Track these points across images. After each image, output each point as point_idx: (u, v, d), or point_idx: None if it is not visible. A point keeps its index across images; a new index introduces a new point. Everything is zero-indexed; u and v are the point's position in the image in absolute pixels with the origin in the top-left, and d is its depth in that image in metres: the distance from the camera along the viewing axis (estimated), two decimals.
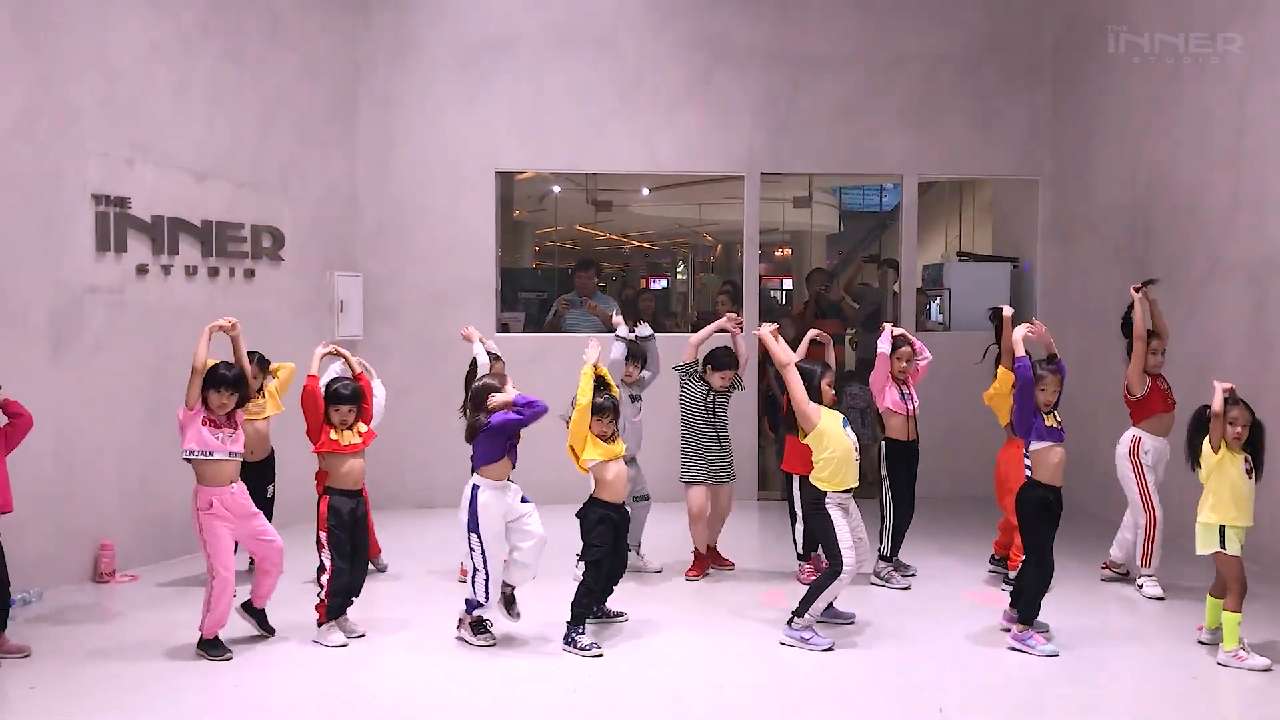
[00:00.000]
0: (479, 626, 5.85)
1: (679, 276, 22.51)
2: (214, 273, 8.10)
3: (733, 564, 7.47)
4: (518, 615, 5.86)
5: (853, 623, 6.13)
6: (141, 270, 7.51)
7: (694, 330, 10.57)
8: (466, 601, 5.83)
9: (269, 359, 7.08)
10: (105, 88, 7.27)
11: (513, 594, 5.87)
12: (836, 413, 5.97)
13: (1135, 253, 8.82)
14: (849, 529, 5.80)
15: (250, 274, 8.42)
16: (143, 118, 7.54)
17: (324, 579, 5.78)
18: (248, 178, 8.42)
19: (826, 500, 5.80)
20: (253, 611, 5.91)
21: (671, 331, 11.04)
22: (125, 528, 7.35)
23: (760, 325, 6.37)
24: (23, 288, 6.72)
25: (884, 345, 7.10)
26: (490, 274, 9.88)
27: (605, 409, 5.92)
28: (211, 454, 5.66)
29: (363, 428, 5.95)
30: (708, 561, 7.39)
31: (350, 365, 6.29)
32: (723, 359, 7.28)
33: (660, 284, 21.67)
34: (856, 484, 5.90)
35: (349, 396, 5.91)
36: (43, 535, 6.72)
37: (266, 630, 5.91)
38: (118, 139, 7.35)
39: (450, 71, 9.75)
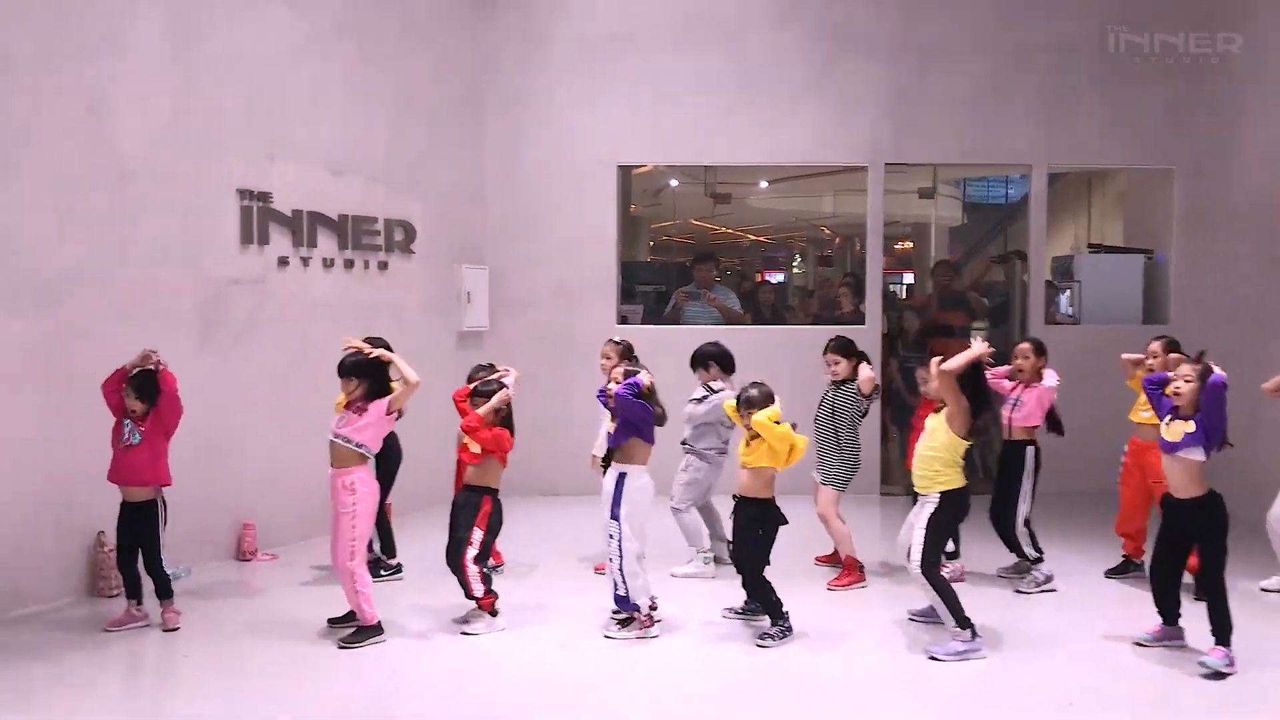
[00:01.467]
0: (629, 621, 5.84)
1: (795, 270, 22.35)
2: (349, 265, 8.38)
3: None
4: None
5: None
6: (282, 262, 7.83)
7: (815, 323, 10.58)
8: (617, 599, 5.87)
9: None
10: (248, 88, 7.58)
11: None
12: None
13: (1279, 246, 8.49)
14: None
15: (383, 266, 8.69)
16: (282, 116, 7.85)
17: (475, 570, 5.86)
18: (380, 173, 8.69)
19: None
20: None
21: (790, 324, 11.01)
22: (265, 509, 7.67)
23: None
24: (173, 280, 7.07)
25: (1051, 380, 6.94)
26: (611, 267, 10.01)
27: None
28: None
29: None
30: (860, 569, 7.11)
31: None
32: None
33: (777, 278, 21.53)
34: None
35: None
36: (190, 514, 7.04)
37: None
38: (259, 137, 7.67)
39: (573, 66, 9.90)
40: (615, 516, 5.77)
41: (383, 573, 6.93)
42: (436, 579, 6.87)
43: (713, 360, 7.25)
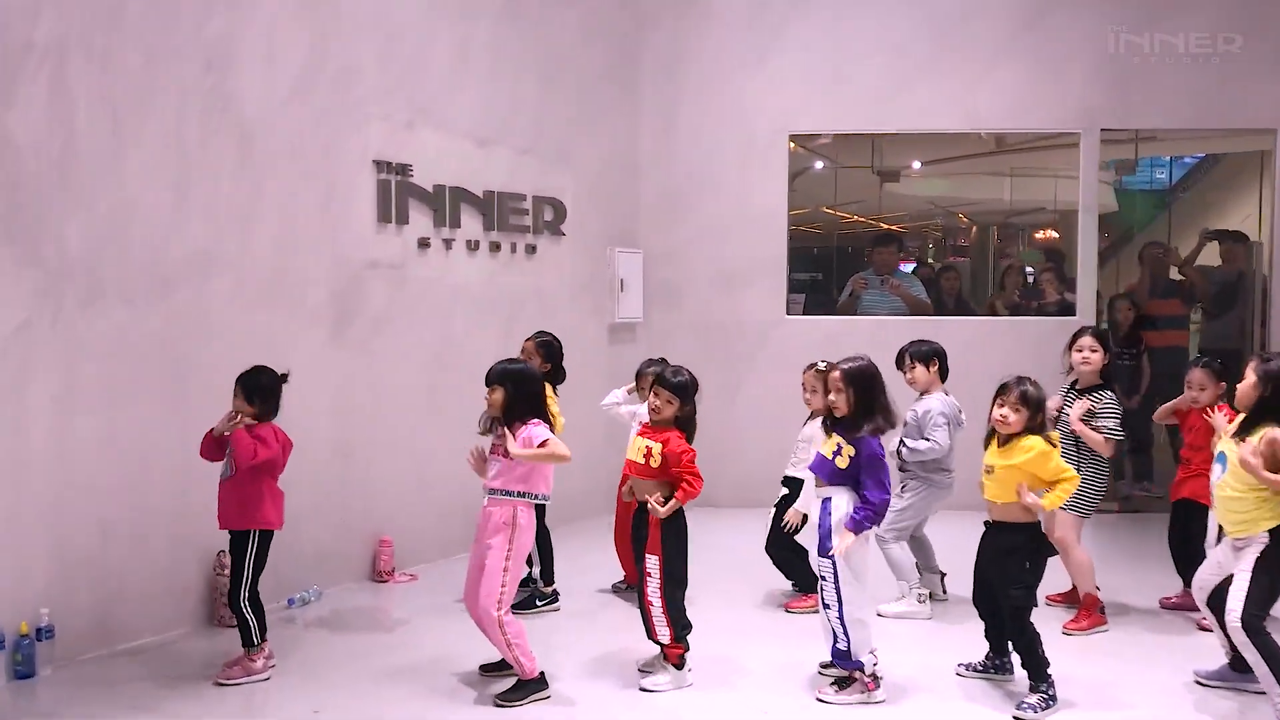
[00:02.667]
0: (848, 681, 4.75)
1: (929, 262, 20.82)
2: (495, 248, 7.45)
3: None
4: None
5: None
6: (423, 244, 6.92)
7: (1009, 311, 9.28)
8: (835, 654, 4.75)
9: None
10: (384, 46, 6.69)
11: None
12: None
13: None
14: None
15: (531, 249, 7.73)
16: (422, 79, 6.94)
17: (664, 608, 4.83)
18: (528, 144, 7.74)
19: None
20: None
21: (972, 314, 9.72)
22: (403, 523, 6.80)
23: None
24: (303, 263, 6.21)
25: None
26: (780, 249, 8.89)
27: None
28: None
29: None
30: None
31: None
32: None
33: (908, 268, 20.05)
34: None
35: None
36: (320, 529, 6.21)
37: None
38: (397, 101, 6.77)
39: (739, 26, 8.78)
40: (828, 553, 4.69)
41: (538, 603, 5.98)
42: (598, 610, 5.94)
43: (936, 358, 6.09)
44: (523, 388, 4.76)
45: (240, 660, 4.94)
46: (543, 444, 4.61)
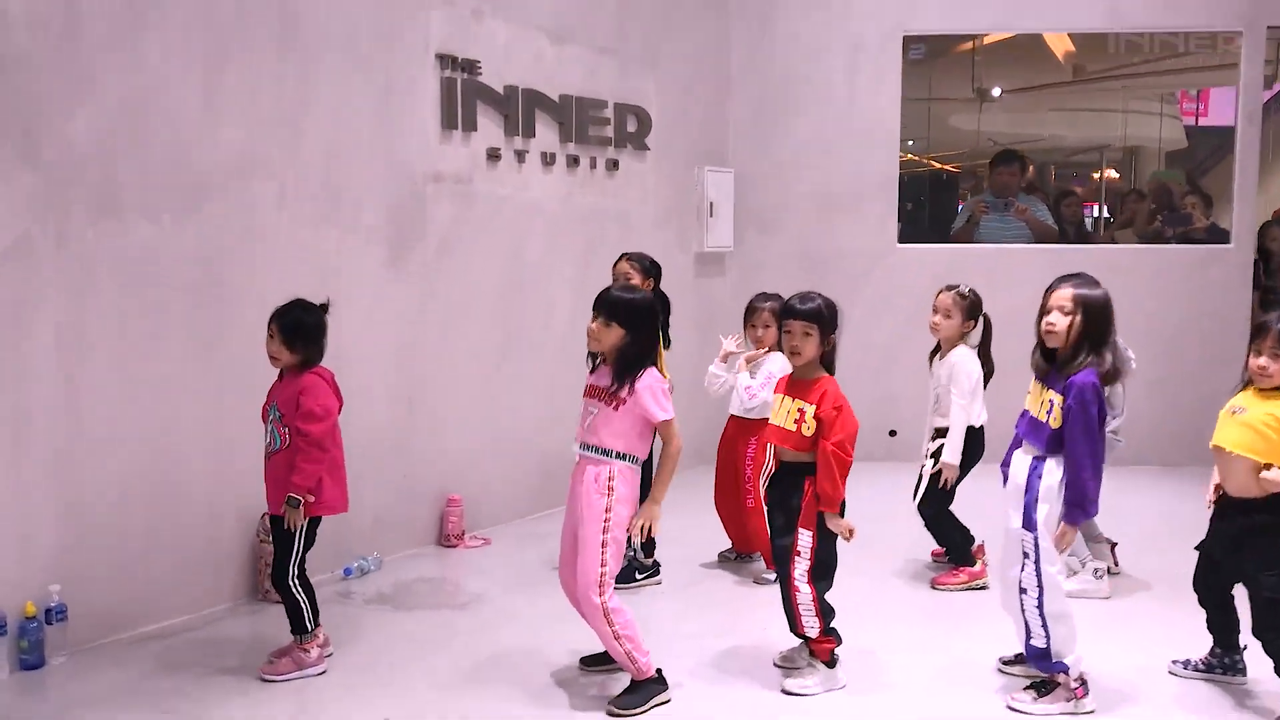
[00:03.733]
0: (1049, 687, 3.77)
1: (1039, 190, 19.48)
2: (573, 162, 6.43)
3: None
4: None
5: None
6: (493, 156, 5.92)
7: (1158, 240, 8.09)
8: (1032, 653, 3.77)
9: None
10: None
11: None
12: None
13: None
14: None
15: (612, 165, 6.71)
16: None
17: (814, 596, 3.88)
18: (609, 43, 6.69)
19: None
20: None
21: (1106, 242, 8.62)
22: (474, 479, 5.88)
23: None
24: (357, 176, 5.24)
25: None
26: (892, 169, 7.82)
27: None
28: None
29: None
30: None
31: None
32: None
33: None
34: None
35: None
36: (379, 487, 5.31)
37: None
38: None
39: None
40: (1032, 525, 3.70)
41: (638, 576, 5.05)
42: (707, 586, 5.03)
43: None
44: (644, 329, 3.76)
45: (290, 650, 4.04)
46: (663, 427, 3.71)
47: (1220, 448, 3.72)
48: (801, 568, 3.84)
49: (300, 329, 4.02)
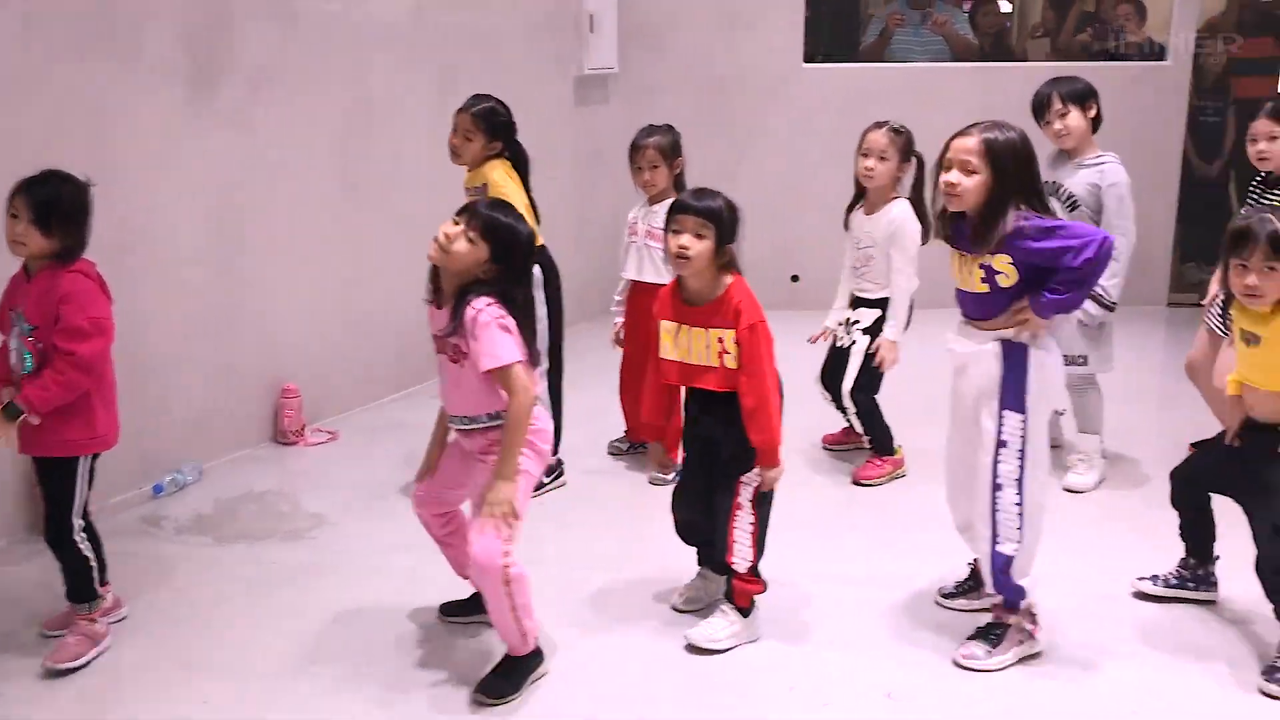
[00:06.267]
0: (1000, 630, 3.14)
1: None
2: None
3: None
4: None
5: None
6: None
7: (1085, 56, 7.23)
8: (999, 580, 3.07)
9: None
10: None
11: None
12: None
13: None
14: None
15: None
16: None
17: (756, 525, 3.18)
18: None
19: None
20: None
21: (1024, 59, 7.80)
22: (314, 364, 4.96)
23: None
24: None
25: None
26: None
27: None
28: None
29: None
30: None
31: None
32: None
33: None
34: None
35: None
36: (195, 379, 4.39)
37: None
38: None
39: None
40: (1023, 406, 2.99)
41: (545, 479, 4.20)
42: (603, 488, 4.30)
43: (1094, 101, 4.22)
44: (516, 267, 2.94)
45: (77, 625, 3.18)
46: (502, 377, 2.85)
47: (1252, 386, 3.05)
48: (746, 493, 3.13)
49: (58, 206, 3.01)
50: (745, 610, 3.23)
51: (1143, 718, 2.90)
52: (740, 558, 3.17)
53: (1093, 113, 4.17)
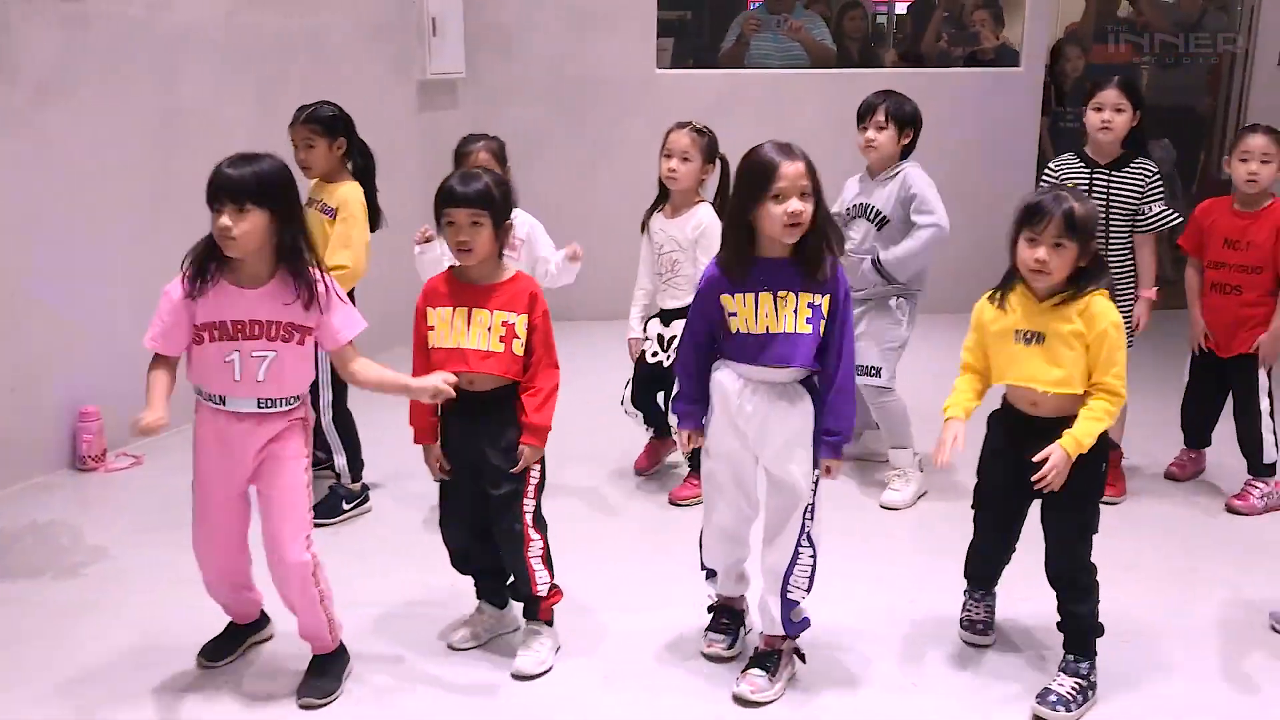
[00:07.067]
0: (774, 660, 3.03)
1: None
2: None
3: None
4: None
5: None
6: None
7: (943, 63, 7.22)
8: (788, 607, 2.96)
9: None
10: None
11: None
12: None
13: None
14: None
15: None
16: None
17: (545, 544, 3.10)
18: None
19: None
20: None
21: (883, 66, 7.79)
22: (118, 384, 4.71)
23: None
24: None
25: None
26: None
27: None
28: None
29: None
30: None
31: None
32: None
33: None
34: None
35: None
36: None
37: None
38: None
39: None
40: (815, 463, 2.93)
41: (345, 506, 4.10)
42: (408, 520, 4.13)
43: (914, 128, 4.18)
44: (291, 203, 2.84)
45: None
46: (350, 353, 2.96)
47: (1030, 388, 2.93)
48: (530, 510, 3.03)
49: None
50: (550, 622, 3.17)
51: None
52: (542, 583, 3.09)
53: (908, 139, 4.13)
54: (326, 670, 2.97)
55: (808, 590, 2.95)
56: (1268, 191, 4.02)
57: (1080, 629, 2.97)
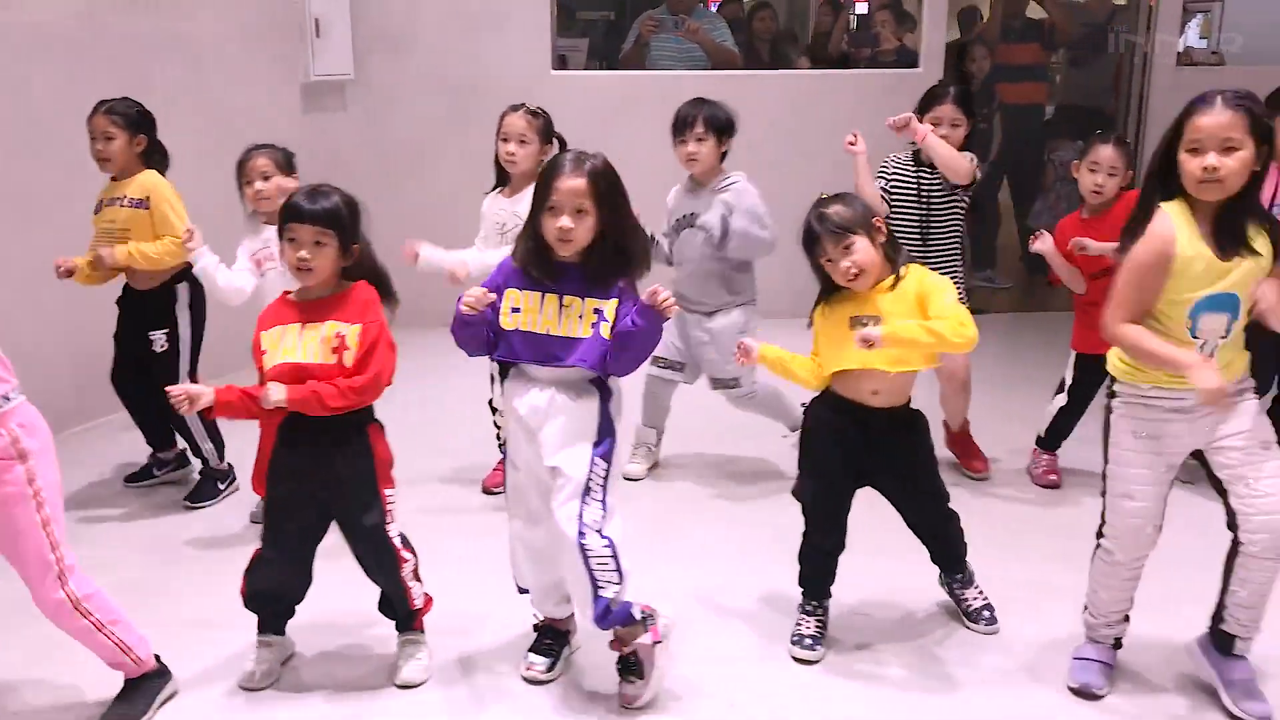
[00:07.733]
0: (636, 660, 2.91)
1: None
2: None
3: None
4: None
5: None
6: None
7: (844, 65, 7.21)
8: (602, 607, 2.78)
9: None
10: None
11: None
12: None
13: None
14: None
15: None
16: None
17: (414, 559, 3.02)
18: None
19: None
20: None
21: (790, 67, 7.73)
22: (44, 383, 4.56)
23: None
24: None
25: None
26: None
27: None
28: None
29: None
30: None
31: None
32: None
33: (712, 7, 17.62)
34: None
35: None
36: None
37: None
38: None
39: None
40: (606, 454, 2.83)
41: (221, 486, 4.17)
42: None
43: (730, 136, 4.18)
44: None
45: None
46: None
47: (869, 369, 2.94)
48: (395, 531, 2.95)
49: None
50: (423, 630, 3.09)
51: None
52: (418, 596, 3.02)
53: (726, 147, 4.10)
54: (134, 694, 2.80)
55: (619, 580, 2.79)
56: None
57: (958, 555, 3.24)
